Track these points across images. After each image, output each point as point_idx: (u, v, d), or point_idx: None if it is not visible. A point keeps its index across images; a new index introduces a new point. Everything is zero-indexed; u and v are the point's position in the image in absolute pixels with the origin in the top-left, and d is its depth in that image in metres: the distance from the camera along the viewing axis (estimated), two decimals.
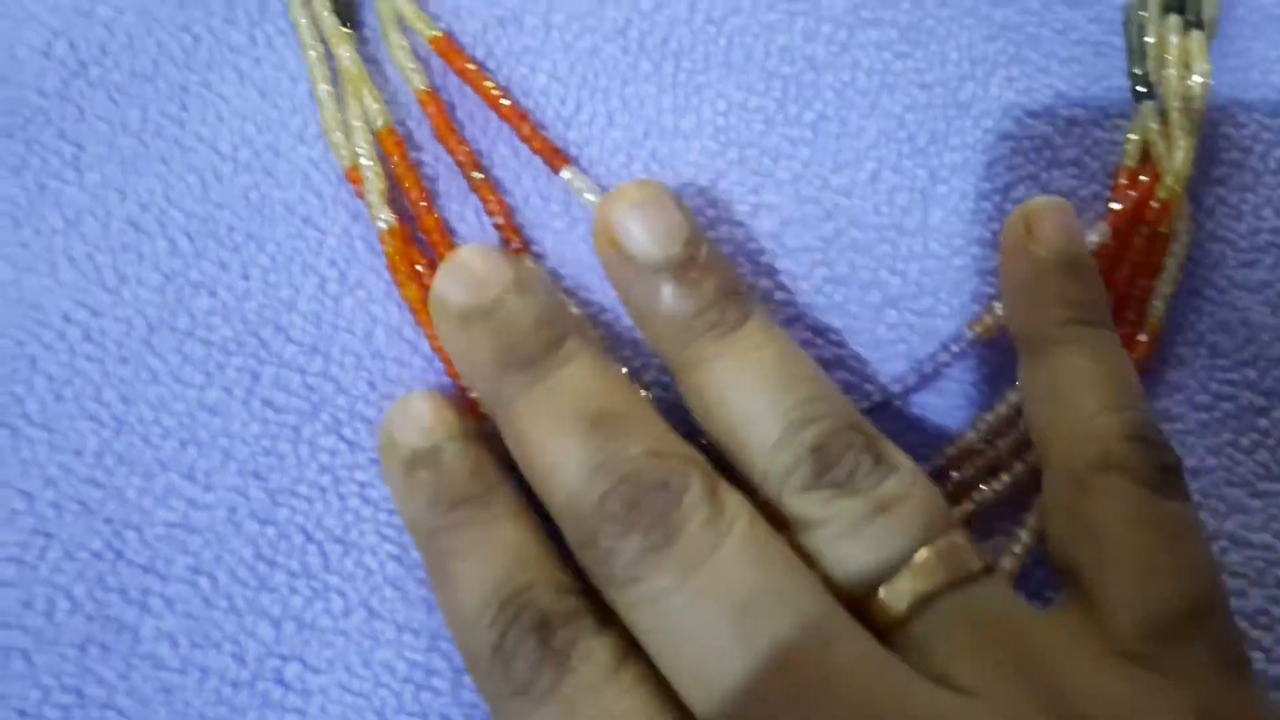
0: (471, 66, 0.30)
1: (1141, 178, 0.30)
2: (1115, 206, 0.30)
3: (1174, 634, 0.23)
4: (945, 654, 0.22)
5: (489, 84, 0.29)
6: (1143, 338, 0.29)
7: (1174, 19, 0.31)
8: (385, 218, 0.28)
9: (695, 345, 0.25)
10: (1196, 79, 0.31)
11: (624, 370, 0.28)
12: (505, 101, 0.29)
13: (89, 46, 0.30)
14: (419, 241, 0.28)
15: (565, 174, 0.29)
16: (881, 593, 0.23)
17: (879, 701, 0.21)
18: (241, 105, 0.30)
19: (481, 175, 0.29)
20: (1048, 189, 0.30)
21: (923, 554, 0.23)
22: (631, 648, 0.23)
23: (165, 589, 0.27)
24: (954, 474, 0.28)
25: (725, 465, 0.24)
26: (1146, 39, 0.31)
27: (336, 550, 0.27)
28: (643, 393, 0.26)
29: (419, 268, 0.28)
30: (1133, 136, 0.31)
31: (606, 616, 0.23)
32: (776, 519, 0.24)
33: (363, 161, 0.28)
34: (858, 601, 0.23)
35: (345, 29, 0.29)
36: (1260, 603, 0.28)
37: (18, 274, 0.28)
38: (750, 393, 0.24)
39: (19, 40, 0.30)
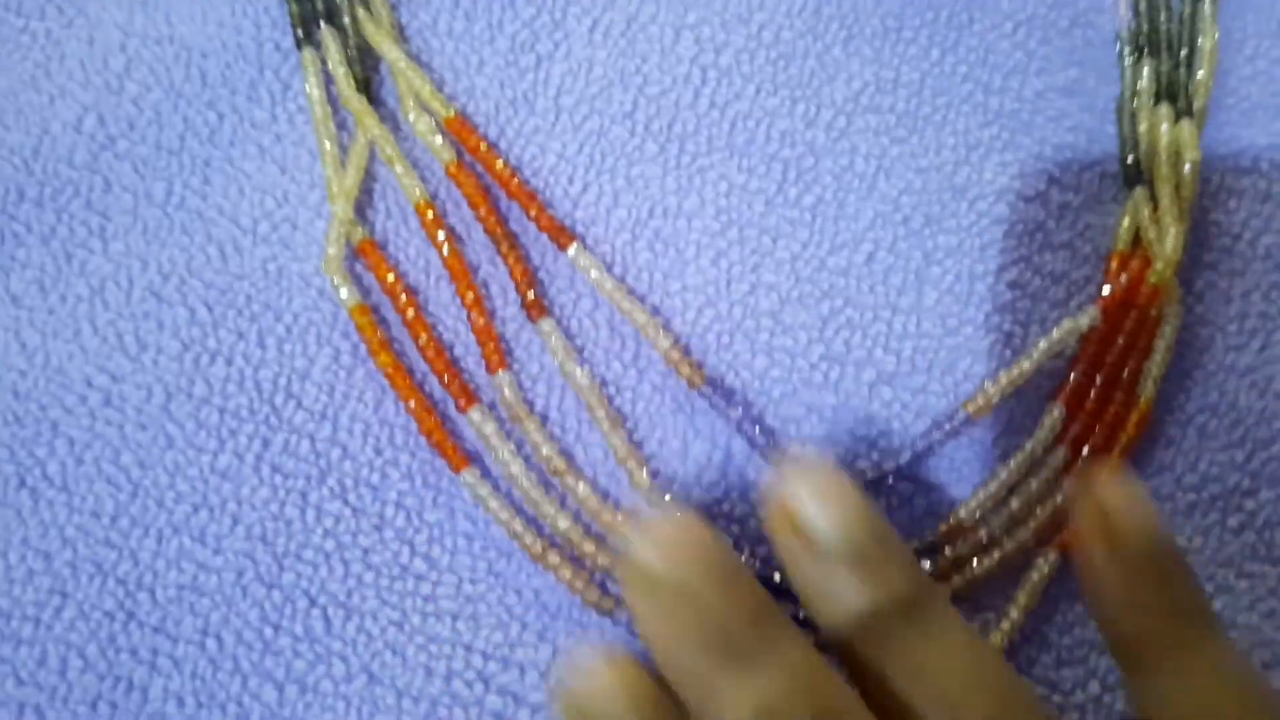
0: (484, 146, 0.31)
1: (1132, 262, 0.31)
2: (1106, 290, 0.31)
3: None
4: None
5: (500, 163, 0.31)
6: (1133, 419, 0.30)
7: (1165, 108, 0.32)
8: (346, 294, 0.29)
9: (876, 633, 0.23)
10: (1187, 166, 0.32)
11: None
12: (515, 180, 0.30)
13: (118, 121, 0.31)
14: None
15: (571, 252, 0.30)
16: None
17: None
18: (262, 180, 0.31)
19: (509, 245, 0.30)
20: (1040, 272, 0.31)
21: None
22: None
23: (174, 650, 0.27)
24: (946, 549, 0.29)
25: None
26: (1139, 127, 0.32)
27: (339, 615, 0.28)
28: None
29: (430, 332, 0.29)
30: (1125, 222, 0.31)
31: None
32: None
33: (331, 252, 0.29)
34: None
35: (373, 106, 0.31)
36: None
37: (43, 340, 0.29)
38: (944, 691, 0.22)
39: (52, 115, 0.31)
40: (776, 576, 0.28)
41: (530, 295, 0.30)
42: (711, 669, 0.21)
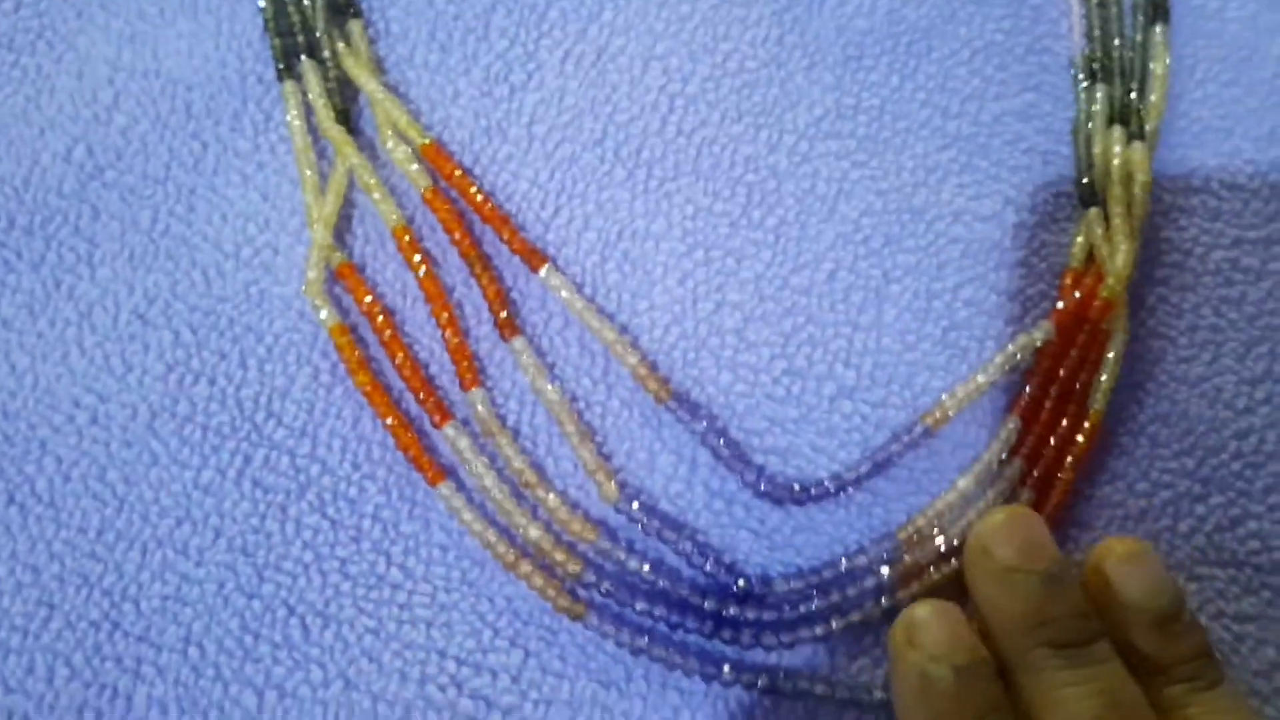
0: (459, 173, 0.32)
1: (1086, 279, 0.32)
2: (1059, 305, 0.32)
3: None
4: None
5: (474, 189, 0.32)
6: (1085, 430, 0.31)
7: (1118, 130, 0.33)
8: (326, 315, 0.30)
9: (1170, 689, 0.27)
10: (1138, 186, 0.33)
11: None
12: (489, 205, 0.31)
13: (105, 152, 0.32)
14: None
15: (542, 273, 0.31)
16: None
17: None
18: (245, 207, 0.32)
19: (482, 267, 0.31)
20: (996, 289, 0.32)
21: None
22: None
23: (158, 658, 0.28)
24: (905, 558, 0.30)
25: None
26: (1093, 149, 0.33)
27: (317, 623, 0.29)
28: None
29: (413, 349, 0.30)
30: (1079, 239, 0.33)
31: None
32: None
33: (311, 275, 0.31)
34: None
35: (352, 136, 0.32)
36: None
37: (32, 362, 0.30)
38: None
39: (42, 146, 0.32)
40: (740, 583, 0.29)
41: (503, 315, 0.31)
42: (1046, 656, 0.26)
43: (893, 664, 0.27)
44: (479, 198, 0.32)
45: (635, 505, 0.30)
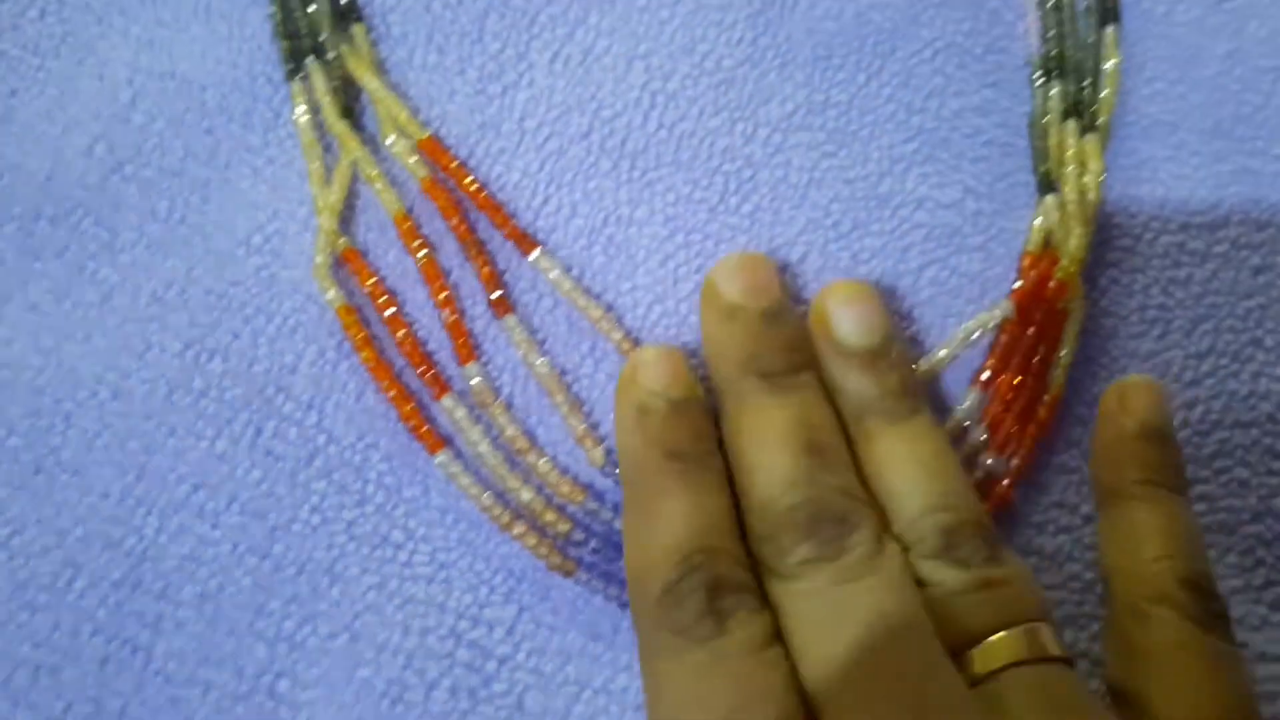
0: (455, 164, 0.34)
1: (1042, 262, 0.34)
2: (1017, 285, 0.34)
3: None
4: (1015, 711, 0.26)
5: (469, 179, 0.34)
6: (1046, 401, 0.33)
7: (1072, 124, 0.36)
8: (333, 296, 0.33)
9: (869, 420, 0.29)
10: (1091, 176, 0.35)
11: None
12: (483, 194, 0.34)
13: (125, 147, 0.34)
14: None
15: (533, 256, 0.33)
16: (973, 651, 0.27)
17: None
18: (256, 197, 0.34)
19: (477, 250, 0.33)
20: (957, 271, 0.34)
21: (1011, 631, 0.27)
22: (778, 635, 0.27)
23: (176, 614, 0.30)
24: None
25: None
26: (1049, 141, 0.36)
27: (325, 581, 0.31)
28: None
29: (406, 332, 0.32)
30: (1035, 225, 0.35)
31: (765, 602, 0.27)
32: None
33: (318, 259, 0.33)
34: (954, 654, 0.27)
35: (355, 131, 0.34)
36: None
37: (57, 341, 0.33)
38: (905, 473, 0.29)
39: (65, 143, 0.34)
40: None
41: (496, 295, 0.33)
42: (752, 382, 0.28)
43: (616, 399, 0.29)
44: (474, 187, 0.34)
45: (619, 470, 0.32)
